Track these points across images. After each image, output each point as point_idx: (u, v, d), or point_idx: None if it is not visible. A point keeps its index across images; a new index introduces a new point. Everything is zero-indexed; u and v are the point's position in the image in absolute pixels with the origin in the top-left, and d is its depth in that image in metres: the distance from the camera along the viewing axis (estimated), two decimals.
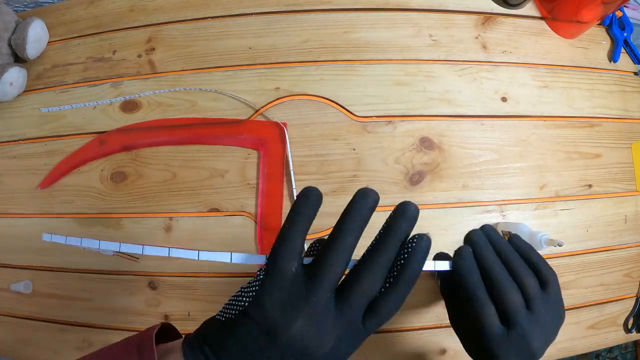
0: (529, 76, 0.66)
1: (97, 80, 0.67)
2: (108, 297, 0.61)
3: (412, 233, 0.29)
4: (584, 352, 0.62)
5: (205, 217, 0.61)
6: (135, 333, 0.30)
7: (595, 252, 0.63)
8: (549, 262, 0.61)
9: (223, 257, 0.29)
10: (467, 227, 0.60)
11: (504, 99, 0.65)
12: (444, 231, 0.60)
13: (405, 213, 0.28)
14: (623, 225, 0.65)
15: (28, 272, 0.64)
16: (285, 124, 0.62)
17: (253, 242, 0.60)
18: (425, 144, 0.62)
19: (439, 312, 0.59)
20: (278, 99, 0.64)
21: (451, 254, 0.34)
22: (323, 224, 0.59)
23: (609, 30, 0.70)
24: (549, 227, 0.62)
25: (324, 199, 0.30)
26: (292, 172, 0.60)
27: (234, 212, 0.61)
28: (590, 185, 0.64)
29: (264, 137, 0.62)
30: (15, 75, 0.65)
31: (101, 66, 0.68)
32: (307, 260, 0.28)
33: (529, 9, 0.69)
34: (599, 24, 0.70)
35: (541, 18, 0.69)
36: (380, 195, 0.30)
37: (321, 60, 0.65)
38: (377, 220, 0.64)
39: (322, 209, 0.59)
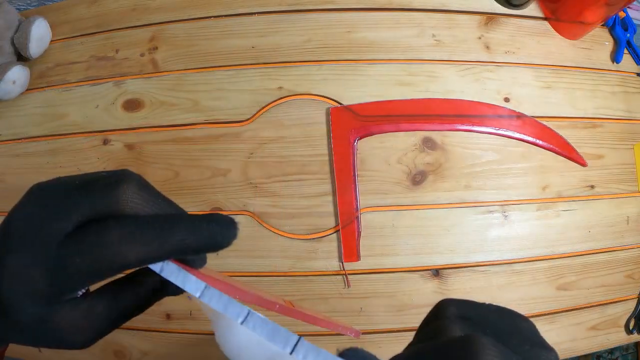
0: (532, 76, 0.66)
1: (100, 79, 0.67)
2: None
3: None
4: (585, 353, 0.62)
5: None
6: (139, 332, 0.30)
7: (597, 253, 0.63)
8: (552, 262, 0.62)
9: None
10: (470, 227, 0.61)
11: (506, 100, 0.65)
12: (446, 231, 0.60)
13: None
14: (625, 226, 0.64)
15: None
16: None
17: (254, 241, 0.60)
18: (428, 144, 0.62)
19: None
20: (280, 98, 0.64)
21: (454, 255, 0.33)
22: (323, 223, 0.59)
23: (611, 31, 0.70)
24: (551, 228, 0.62)
25: (325, 199, 0.29)
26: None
27: (236, 212, 0.61)
28: (592, 186, 0.64)
29: None
30: (18, 74, 0.65)
31: (104, 65, 0.68)
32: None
33: (532, 9, 0.69)
34: (602, 25, 0.70)
35: (544, 19, 0.69)
36: (382, 196, 0.30)
37: (324, 59, 0.65)
38: (378, 220, 0.63)
39: (323, 209, 0.59)
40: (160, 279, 0.21)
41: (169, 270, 0.20)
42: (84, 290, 0.22)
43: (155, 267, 0.20)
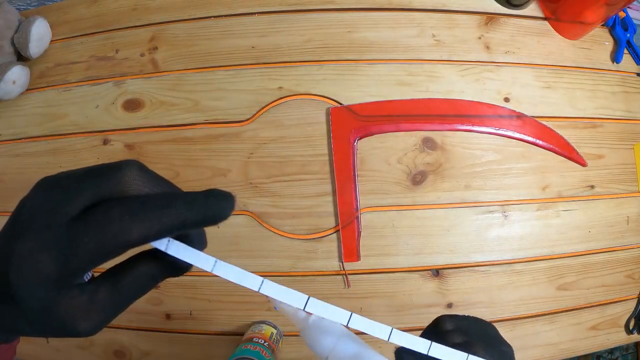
0: (532, 77, 0.66)
1: (100, 79, 0.67)
2: None
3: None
4: (585, 353, 0.62)
5: None
6: (139, 332, 0.30)
7: (597, 253, 0.63)
8: (552, 262, 0.62)
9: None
10: (470, 227, 0.61)
11: (506, 100, 0.65)
12: (446, 231, 0.60)
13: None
14: (625, 226, 0.64)
15: None
16: None
17: (254, 241, 0.60)
18: (428, 144, 0.62)
19: (439, 313, 0.59)
20: (280, 98, 0.64)
21: (454, 255, 0.34)
22: (323, 223, 0.59)
23: (612, 31, 0.70)
24: (550, 228, 0.62)
25: (325, 199, 0.29)
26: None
27: (237, 212, 0.61)
28: (592, 186, 0.64)
29: None
30: (18, 74, 0.65)
31: (104, 65, 0.68)
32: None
33: (532, 9, 0.69)
34: (602, 25, 0.70)
35: (544, 19, 0.69)
36: (382, 196, 0.30)
37: (324, 59, 0.65)
38: (378, 220, 0.63)
39: (323, 209, 0.59)
40: (156, 263, 0.22)
41: (175, 248, 0.21)
42: (89, 276, 0.22)
43: (161, 245, 0.21)
